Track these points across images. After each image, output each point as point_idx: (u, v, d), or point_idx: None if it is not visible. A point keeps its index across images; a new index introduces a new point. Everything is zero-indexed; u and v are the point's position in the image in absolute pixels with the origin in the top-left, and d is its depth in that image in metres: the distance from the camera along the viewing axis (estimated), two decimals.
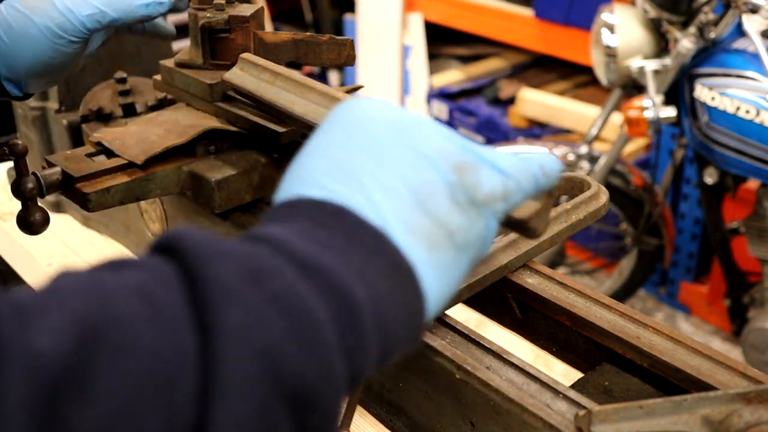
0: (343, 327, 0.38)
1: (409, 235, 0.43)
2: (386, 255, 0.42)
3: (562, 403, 0.66)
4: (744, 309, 2.41)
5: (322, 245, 0.40)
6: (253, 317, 0.36)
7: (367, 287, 0.40)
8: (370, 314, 0.40)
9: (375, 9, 3.72)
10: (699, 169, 2.27)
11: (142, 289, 0.35)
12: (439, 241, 0.44)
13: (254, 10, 0.96)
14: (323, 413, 0.37)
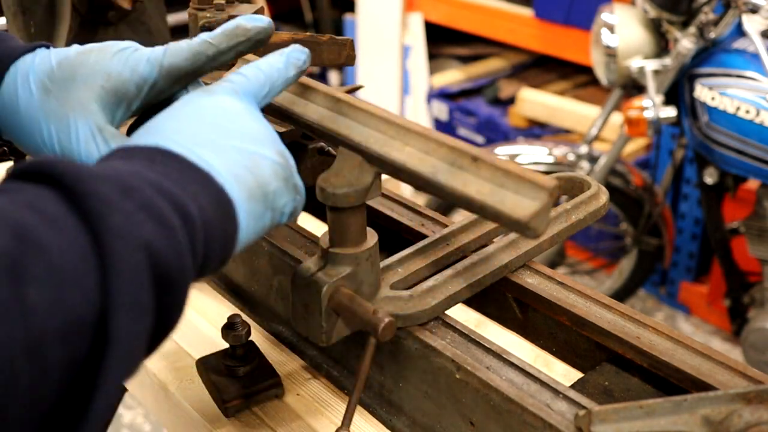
0: (188, 234, 0.50)
1: (233, 182, 0.57)
2: (212, 190, 0.55)
3: (562, 403, 0.66)
4: (744, 309, 2.41)
5: (163, 176, 0.52)
6: (130, 220, 0.46)
7: (199, 210, 0.52)
8: (201, 229, 0.52)
9: (375, 9, 3.72)
10: (699, 169, 2.27)
11: (32, 206, 0.43)
12: (256, 196, 0.59)
13: (254, 10, 0.96)
14: (178, 293, 0.50)
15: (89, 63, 0.68)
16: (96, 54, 0.69)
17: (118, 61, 0.69)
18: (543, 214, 0.58)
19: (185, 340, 0.97)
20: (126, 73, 0.68)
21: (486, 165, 0.61)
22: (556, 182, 0.58)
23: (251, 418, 0.85)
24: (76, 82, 0.68)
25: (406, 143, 0.67)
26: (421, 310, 0.74)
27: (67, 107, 0.67)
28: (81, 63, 0.68)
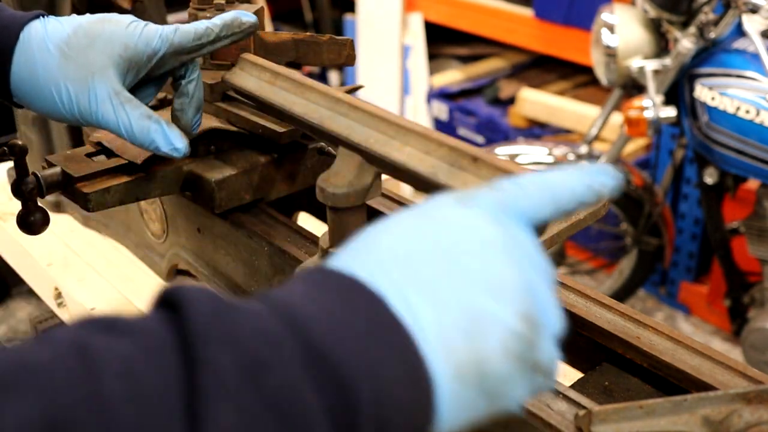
0: (339, 427, 0.36)
1: (441, 352, 0.39)
2: (408, 360, 0.39)
3: (562, 403, 0.66)
4: (744, 309, 2.41)
5: (343, 327, 0.38)
6: (245, 418, 0.33)
7: (374, 385, 0.37)
8: (370, 417, 0.37)
9: (375, 9, 3.72)
10: (699, 169, 2.27)
11: (129, 366, 0.33)
12: (467, 376, 0.40)
13: (254, 10, 0.96)
14: None
15: (107, 32, 0.74)
16: (112, 24, 0.75)
17: (133, 33, 0.74)
18: None
19: None
20: (141, 45, 0.74)
21: (486, 165, 0.61)
22: None
23: None
24: (95, 49, 0.73)
25: (406, 143, 0.67)
26: None
27: (86, 71, 0.72)
28: (99, 31, 0.74)
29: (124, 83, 0.75)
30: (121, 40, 0.74)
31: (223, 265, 0.96)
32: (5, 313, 2.89)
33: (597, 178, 0.48)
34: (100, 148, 0.87)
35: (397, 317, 0.39)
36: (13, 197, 0.79)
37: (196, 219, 0.97)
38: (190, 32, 0.77)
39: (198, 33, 0.77)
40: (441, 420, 0.40)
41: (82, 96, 0.73)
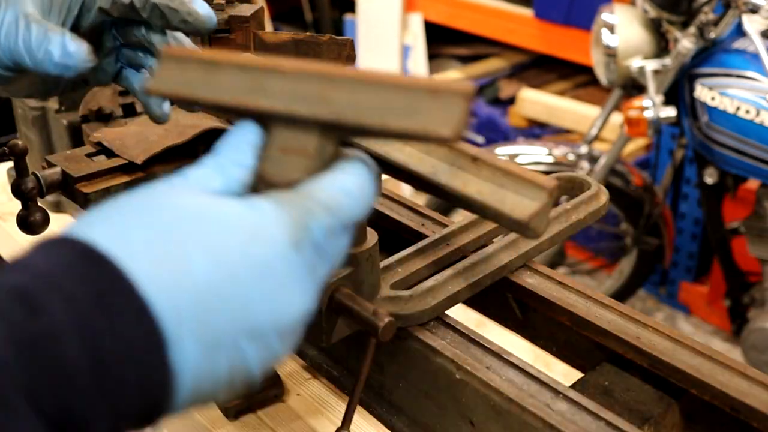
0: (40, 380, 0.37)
1: (172, 313, 0.41)
2: (139, 319, 0.40)
3: (562, 403, 0.66)
4: (744, 309, 2.41)
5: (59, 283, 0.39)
6: None
7: (86, 335, 0.38)
8: (83, 372, 0.38)
9: (375, 9, 3.72)
10: (699, 169, 2.27)
11: None
12: (203, 337, 0.42)
13: (254, 10, 0.96)
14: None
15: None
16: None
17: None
18: (543, 214, 0.58)
19: None
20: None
21: (486, 165, 0.61)
22: (556, 182, 0.58)
23: (251, 419, 0.85)
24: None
25: (406, 143, 0.67)
26: (421, 310, 0.74)
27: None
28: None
29: (47, 14, 0.71)
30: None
31: None
32: None
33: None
34: (100, 148, 0.87)
35: (127, 278, 0.40)
36: (13, 197, 0.79)
37: None
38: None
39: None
40: (181, 383, 0.41)
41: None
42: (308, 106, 0.50)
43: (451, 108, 0.48)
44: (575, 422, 0.64)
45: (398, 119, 0.48)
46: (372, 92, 0.49)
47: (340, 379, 0.85)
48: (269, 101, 0.51)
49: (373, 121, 0.49)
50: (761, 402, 0.65)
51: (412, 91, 0.49)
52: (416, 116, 0.48)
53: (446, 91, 0.48)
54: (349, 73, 0.50)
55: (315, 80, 0.50)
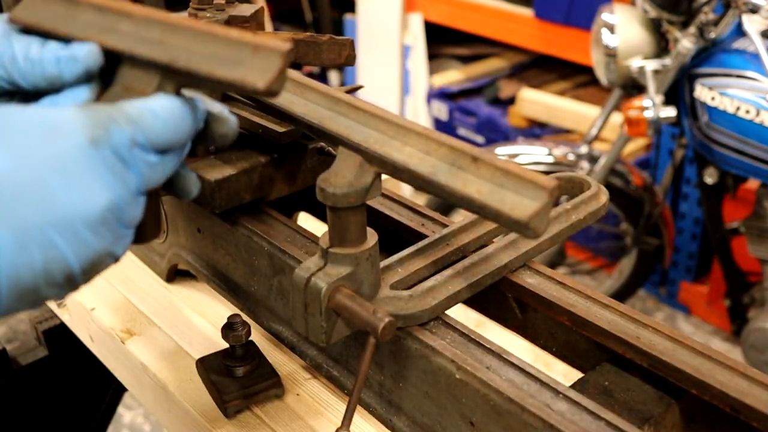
0: None
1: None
2: None
3: (562, 403, 0.66)
4: (744, 309, 2.41)
5: None
6: None
7: None
8: None
9: (375, 9, 3.72)
10: (699, 169, 2.27)
11: None
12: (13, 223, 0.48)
13: (254, 10, 0.96)
14: None
15: None
16: None
17: None
18: (543, 214, 0.58)
19: (185, 340, 0.97)
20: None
21: (486, 165, 0.61)
22: (556, 182, 0.58)
23: (251, 418, 0.85)
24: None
25: (406, 143, 0.67)
26: (421, 310, 0.74)
27: None
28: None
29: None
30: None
31: (223, 264, 0.96)
32: None
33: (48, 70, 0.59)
34: None
35: None
36: None
37: (195, 219, 0.97)
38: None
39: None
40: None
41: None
42: (149, 48, 0.57)
43: (269, 64, 0.54)
44: (575, 422, 0.64)
45: (223, 69, 0.55)
46: (205, 42, 0.56)
47: (340, 379, 0.85)
48: (116, 41, 0.58)
49: (200, 68, 0.56)
50: (761, 402, 0.65)
51: (239, 45, 0.55)
52: (239, 68, 0.55)
53: (266, 48, 0.55)
54: (188, 24, 0.57)
55: (158, 26, 0.58)
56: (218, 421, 0.84)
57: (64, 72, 0.59)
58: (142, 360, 0.95)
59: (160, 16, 0.58)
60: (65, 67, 0.59)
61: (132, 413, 2.51)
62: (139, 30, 0.58)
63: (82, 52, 0.59)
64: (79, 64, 0.59)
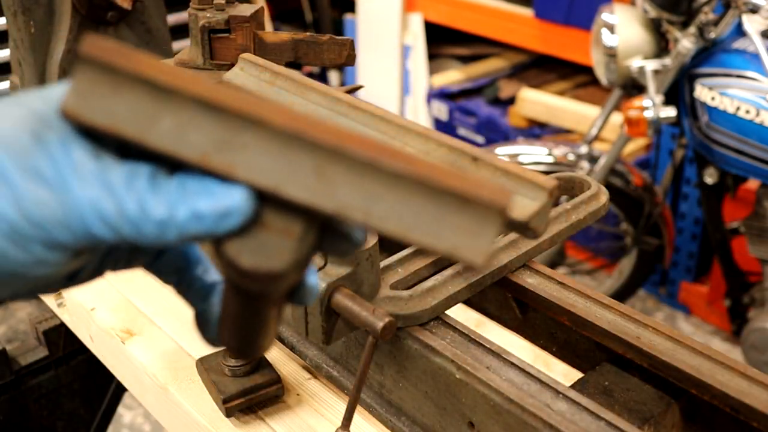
0: None
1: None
2: None
3: (562, 403, 0.66)
4: (744, 309, 2.41)
5: None
6: None
7: None
8: None
9: (375, 9, 3.72)
10: (699, 169, 2.27)
11: None
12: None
13: (254, 10, 0.96)
14: None
15: None
16: None
17: None
18: (543, 214, 0.58)
19: (185, 340, 0.97)
20: None
21: (486, 165, 0.61)
22: (556, 182, 0.58)
23: (251, 418, 0.85)
24: None
25: (406, 143, 0.67)
26: (421, 310, 0.74)
27: None
28: None
29: None
30: None
31: None
32: (5, 313, 2.89)
33: (189, 230, 0.41)
34: None
35: None
36: None
37: None
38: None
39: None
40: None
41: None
42: (303, 189, 0.38)
43: (485, 225, 0.37)
44: (575, 422, 0.64)
45: (419, 230, 0.38)
46: (385, 184, 0.38)
47: (340, 379, 0.85)
48: (248, 171, 0.38)
49: (390, 228, 0.38)
50: (761, 402, 0.65)
51: (438, 194, 0.37)
52: (441, 231, 0.38)
53: (479, 201, 0.37)
54: (357, 145, 0.37)
55: (311, 150, 0.38)
56: (218, 421, 0.84)
57: (213, 230, 0.40)
58: (142, 360, 0.95)
59: (313, 129, 0.37)
60: (212, 225, 0.40)
61: (132, 413, 2.51)
62: (281, 152, 0.38)
63: (237, 204, 0.39)
64: (232, 220, 0.39)
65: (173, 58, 0.99)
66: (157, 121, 0.38)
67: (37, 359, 1.37)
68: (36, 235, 0.40)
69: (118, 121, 0.38)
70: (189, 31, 0.96)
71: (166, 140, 0.38)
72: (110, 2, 1.18)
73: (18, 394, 1.36)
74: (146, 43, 1.27)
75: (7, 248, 0.40)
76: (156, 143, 0.38)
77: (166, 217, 0.40)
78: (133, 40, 1.26)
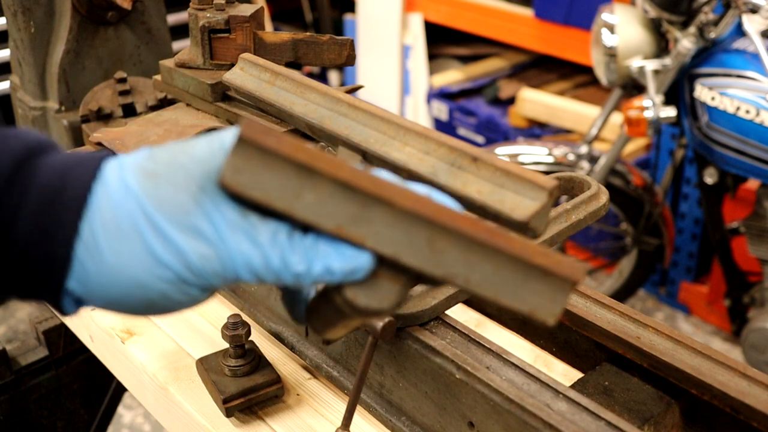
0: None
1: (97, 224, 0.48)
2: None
3: (562, 403, 0.66)
4: (744, 309, 2.41)
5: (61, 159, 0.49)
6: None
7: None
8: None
9: (375, 9, 3.72)
10: (699, 169, 2.27)
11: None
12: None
13: (254, 10, 0.96)
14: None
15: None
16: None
17: None
18: (543, 214, 0.58)
19: (185, 340, 0.97)
20: None
21: (486, 165, 0.61)
22: (556, 182, 0.58)
23: (251, 418, 0.85)
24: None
25: (406, 143, 0.67)
26: (421, 310, 0.74)
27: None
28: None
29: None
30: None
31: None
32: (5, 313, 2.89)
33: (323, 279, 0.50)
34: (101, 148, 0.87)
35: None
36: None
37: None
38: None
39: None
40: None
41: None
42: (416, 256, 0.47)
43: (559, 294, 0.47)
44: (575, 422, 0.64)
45: (507, 294, 0.47)
46: (485, 257, 0.47)
47: (340, 379, 0.85)
48: (376, 241, 0.47)
49: (484, 291, 0.47)
50: (761, 402, 0.65)
51: (526, 268, 0.47)
52: (525, 296, 0.47)
53: (559, 275, 0.47)
54: (461, 225, 0.47)
55: (425, 226, 0.47)
56: (218, 421, 0.84)
57: (340, 282, 0.49)
58: (142, 360, 0.95)
59: (428, 210, 0.47)
60: (340, 278, 0.49)
61: (132, 413, 2.51)
62: (401, 226, 0.47)
63: (363, 266, 0.48)
64: (357, 275, 0.48)
65: (173, 58, 0.99)
66: (301, 195, 0.47)
67: (37, 359, 1.37)
68: (196, 282, 0.49)
69: (270, 194, 0.47)
70: (189, 31, 0.96)
71: (308, 212, 0.47)
72: (110, 2, 1.18)
73: (18, 394, 1.36)
74: (146, 43, 1.27)
75: (170, 292, 0.49)
76: (300, 215, 0.47)
77: (304, 271, 0.48)
78: (133, 40, 1.26)
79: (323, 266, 0.48)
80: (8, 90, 1.40)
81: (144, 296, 0.49)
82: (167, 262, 0.47)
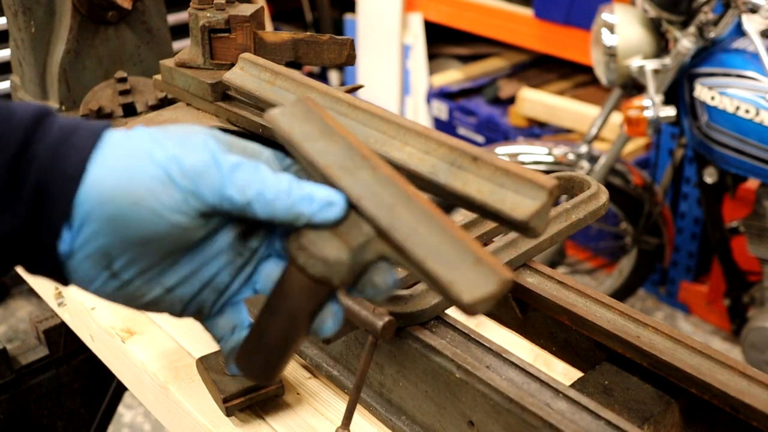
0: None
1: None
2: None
3: (562, 402, 0.66)
4: (744, 308, 2.41)
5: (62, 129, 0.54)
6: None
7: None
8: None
9: (375, 9, 3.72)
10: (699, 168, 2.27)
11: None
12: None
13: (254, 10, 0.96)
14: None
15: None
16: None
17: None
18: (543, 214, 0.58)
19: (185, 340, 0.97)
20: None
21: (486, 164, 0.61)
22: (556, 182, 0.58)
23: (251, 418, 0.85)
24: None
25: (406, 143, 0.67)
26: (422, 309, 0.74)
27: None
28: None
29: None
30: None
31: None
32: (5, 313, 2.89)
33: (300, 206, 0.55)
34: None
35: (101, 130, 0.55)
36: None
37: None
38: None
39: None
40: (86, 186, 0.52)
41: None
42: (375, 207, 0.54)
43: (485, 283, 0.52)
44: (575, 421, 0.64)
45: (437, 263, 0.52)
46: (431, 228, 0.53)
47: (340, 378, 0.85)
48: (349, 185, 0.56)
49: (415, 251, 0.52)
50: (761, 401, 0.65)
51: (463, 249, 0.52)
52: (452, 271, 0.52)
53: (487, 266, 0.52)
54: (423, 203, 0.54)
55: (394, 190, 0.55)
56: (218, 420, 0.84)
57: (315, 216, 0.55)
58: (142, 359, 0.95)
59: (399, 180, 0.55)
60: (318, 211, 0.55)
61: (132, 413, 2.51)
62: (376, 183, 0.55)
63: (338, 201, 0.55)
64: (331, 212, 0.55)
65: (173, 58, 0.99)
66: (315, 141, 0.59)
67: (37, 358, 1.37)
68: (183, 184, 0.53)
69: (293, 132, 0.59)
70: (189, 30, 0.97)
71: (312, 150, 0.58)
72: (110, 2, 1.18)
73: (18, 394, 1.36)
74: (146, 42, 1.27)
75: (156, 189, 0.53)
76: (307, 150, 0.58)
77: (288, 188, 0.55)
78: (134, 39, 1.26)
79: (307, 191, 0.55)
80: (9, 90, 1.40)
81: (131, 189, 0.53)
82: (159, 159, 0.54)
